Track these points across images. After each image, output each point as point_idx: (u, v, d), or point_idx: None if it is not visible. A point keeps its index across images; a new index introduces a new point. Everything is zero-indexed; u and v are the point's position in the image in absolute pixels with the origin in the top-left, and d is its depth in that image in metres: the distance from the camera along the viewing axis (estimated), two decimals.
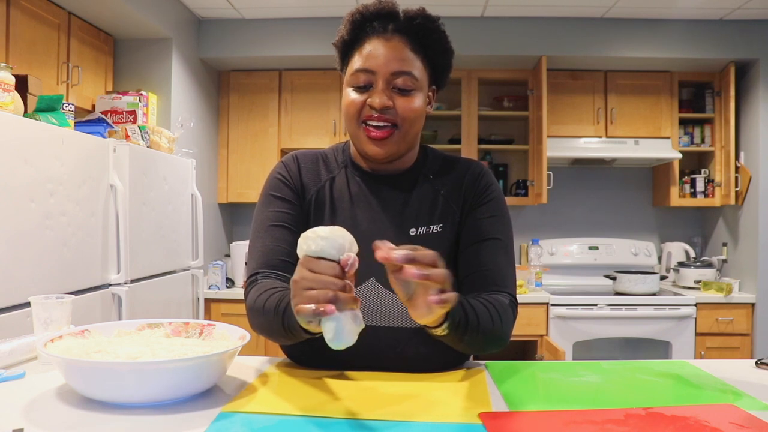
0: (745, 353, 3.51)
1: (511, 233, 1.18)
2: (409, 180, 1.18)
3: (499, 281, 1.12)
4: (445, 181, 1.19)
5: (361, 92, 1.10)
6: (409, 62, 1.09)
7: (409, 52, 1.09)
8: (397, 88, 1.09)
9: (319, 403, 0.88)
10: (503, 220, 1.17)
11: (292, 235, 1.11)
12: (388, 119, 1.09)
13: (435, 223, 1.15)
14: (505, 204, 1.20)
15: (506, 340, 1.09)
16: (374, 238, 1.12)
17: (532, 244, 3.89)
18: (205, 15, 3.67)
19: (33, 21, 2.56)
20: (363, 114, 1.09)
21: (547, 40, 3.65)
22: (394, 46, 1.09)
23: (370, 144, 1.10)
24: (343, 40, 1.14)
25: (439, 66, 1.16)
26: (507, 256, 1.15)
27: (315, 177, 1.18)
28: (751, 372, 1.10)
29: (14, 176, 1.83)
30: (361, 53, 1.10)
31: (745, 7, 3.40)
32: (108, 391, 0.84)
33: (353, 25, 1.12)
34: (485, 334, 1.02)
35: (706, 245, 4.17)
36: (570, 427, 0.79)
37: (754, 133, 3.66)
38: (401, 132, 1.10)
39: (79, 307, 2.02)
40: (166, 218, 2.81)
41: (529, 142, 3.92)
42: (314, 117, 3.90)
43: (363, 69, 1.09)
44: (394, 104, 1.08)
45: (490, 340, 1.05)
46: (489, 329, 1.02)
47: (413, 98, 1.10)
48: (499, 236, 1.15)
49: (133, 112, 2.95)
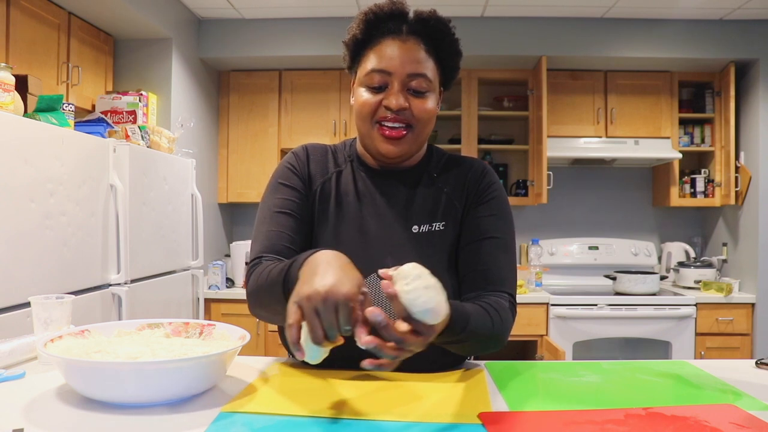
0: (745, 353, 3.51)
1: (512, 233, 1.18)
2: (414, 177, 1.19)
3: (498, 281, 1.12)
4: (448, 179, 1.19)
5: (376, 92, 1.10)
6: (424, 64, 1.10)
7: (424, 53, 1.10)
8: (412, 89, 1.09)
9: (320, 404, 0.88)
10: (504, 219, 1.17)
11: (296, 223, 1.13)
12: (403, 120, 1.09)
13: (438, 221, 1.15)
14: (508, 204, 1.20)
15: (504, 341, 1.09)
16: (378, 234, 1.14)
17: (532, 244, 3.89)
18: (205, 15, 3.67)
19: (33, 21, 2.56)
20: (378, 114, 1.10)
21: (547, 40, 3.65)
22: (409, 47, 1.09)
23: (385, 143, 1.10)
24: (355, 39, 1.13)
25: (449, 68, 1.16)
26: (507, 254, 1.15)
27: (323, 168, 1.19)
28: (751, 372, 1.10)
29: (14, 176, 1.83)
30: (376, 53, 1.10)
31: (745, 7, 3.40)
32: (108, 391, 0.84)
33: (367, 24, 1.12)
34: (481, 340, 1.02)
35: (706, 245, 4.17)
36: (570, 427, 0.79)
37: (754, 133, 3.66)
38: (415, 133, 1.11)
39: (79, 307, 2.02)
40: (166, 218, 2.81)
41: (529, 142, 3.92)
42: (314, 117, 3.90)
43: (379, 69, 1.09)
44: (409, 105, 1.09)
45: (487, 344, 1.05)
46: (486, 335, 1.02)
47: (427, 99, 1.11)
48: (499, 235, 1.15)
49: (133, 112, 2.95)
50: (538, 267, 3.73)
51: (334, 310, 0.77)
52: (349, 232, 1.14)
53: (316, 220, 1.17)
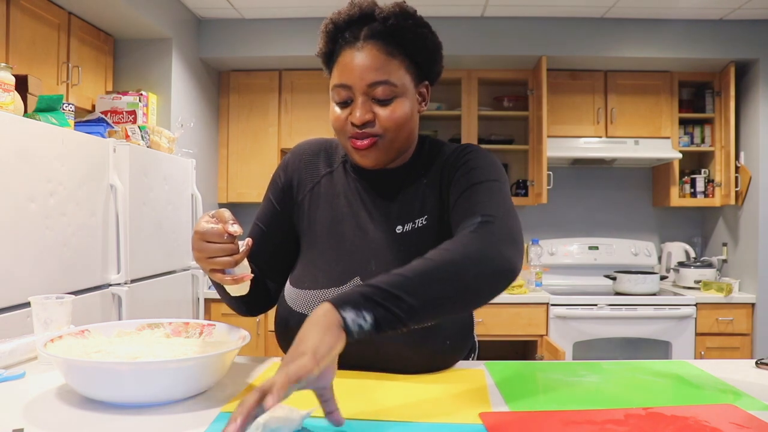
0: (745, 353, 3.51)
1: (498, 177, 1.06)
2: (402, 177, 1.15)
3: (475, 212, 0.98)
4: (428, 170, 1.14)
5: (343, 107, 1.07)
6: (385, 69, 1.03)
7: (384, 57, 1.04)
8: (377, 99, 1.05)
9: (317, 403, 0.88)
10: (486, 168, 1.07)
11: (262, 236, 1.19)
12: (370, 133, 1.05)
13: (419, 217, 1.11)
14: (490, 157, 1.11)
15: (495, 265, 0.90)
16: (362, 238, 1.12)
17: (532, 244, 3.89)
18: (205, 15, 3.67)
19: (33, 21, 2.56)
20: (347, 130, 1.07)
21: (547, 40, 3.65)
22: (366, 55, 1.04)
23: (357, 155, 1.08)
24: (322, 53, 1.11)
25: (424, 62, 1.10)
26: (492, 193, 1.03)
27: (312, 172, 1.20)
28: (751, 372, 1.10)
29: (14, 176, 1.83)
30: (337, 67, 1.07)
31: (745, 7, 3.40)
32: (108, 391, 0.84)
33: (328, 36, 1.09)
34: (438, 285, 0.85)
35: (706, 245, 4.17)
36: (570, 427, 0.79)
37: (754, 133, 3.66)
38: (386, 140, 1.07)
39: (79, 307, 2.02)
40: (166, 218, 2.81)
41: (529, 142, 3.92)
42: (314, 117, 3.90)
43: (340, 84, 1.06)
44: (375, 116, 1.05)
45: (462, 284, 0.88)
46: (440, 279, 0.86)
47: (395, 106, 1.05)
48: (480, 179, 1.05)
49: (133, 112, 2.95)
50: (538, 267, 3.73)
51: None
52: (335, 236, 1.13)
53: (305, 224, 1.17)
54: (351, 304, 0.80)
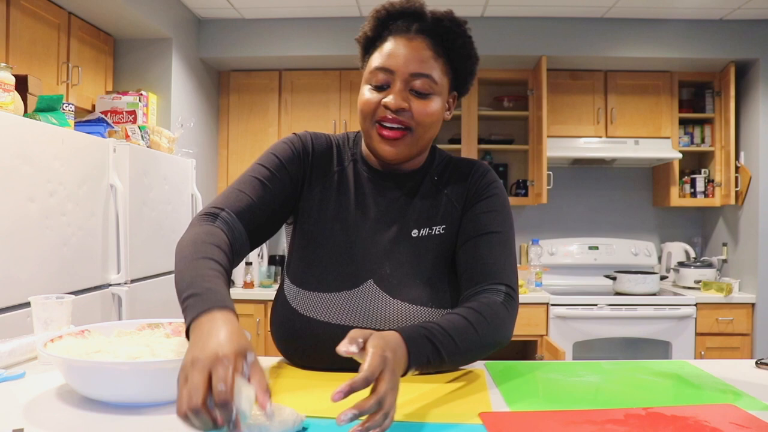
0: (745, 353, 3.51)
1: (511, 229, 1.14)
2: (416, 181, 1.16)
3: (495, 273, 1.07)
4: (449, 181, 1.16)
5: (378, 91, 1.07)
6: (430, 65, 1.06)
7: (431, 54, 1.06)
8: (415, 90, 1.06)
9: (319, 404, 0.88)
10: (503, 216, 1.14)
11: (268, 195, 1.08)
12: (402, 121, 1.06)
13: (437, 224, 1.13)
14: (507, 202, 1.17)
15: (504, 341, 1.04)
16: (376, 239, 1.12)
17: (532, 244, 3.89)
18: (205, 15, 3.67)
19: (33, 21, 2.56)
20: (378, 114, 1.07)
21: (547, 40, 3.65)
22: (415, 46, 1.06)
23: (382, 144, 1.07)
24: (365, 36, 1.12)
25: (462, 72, 1.12)
26: (505, 249, 1.11)
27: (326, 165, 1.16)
28: (751, 372, 1.10)
29: (14, 176, 1.82)
30: (381, 51, 1.08)
31: (745, 7, 3.40)
32: (108, 391, 0.84)
33: (377, 22, 1.10)
34: (472, 351, 0.98)
35: (706, 245, 4.17)
36: (570, 427, 0.79)
37: (754, 133, 3.66)
38: (414, 135, 1.07)
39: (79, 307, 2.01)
40: (166, 218, 2.81)
41: (529, 142, 3.92)
42: (314, 117, 3.90)
43: (382, 67, 1.06)
44: (410, 106, 1.06)
45: (482, 351, 1.01)
46: (475, 347, 0.98)
47: (430, 102, 1.07)
48: (498, 229, 1.11)
49: (133, 112, 2.95)
50: (538, 267, 3.73)
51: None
52: (349, 236, 1.11)
53: (313, 216, 1.13)
54: (416, 365, 0.87)
